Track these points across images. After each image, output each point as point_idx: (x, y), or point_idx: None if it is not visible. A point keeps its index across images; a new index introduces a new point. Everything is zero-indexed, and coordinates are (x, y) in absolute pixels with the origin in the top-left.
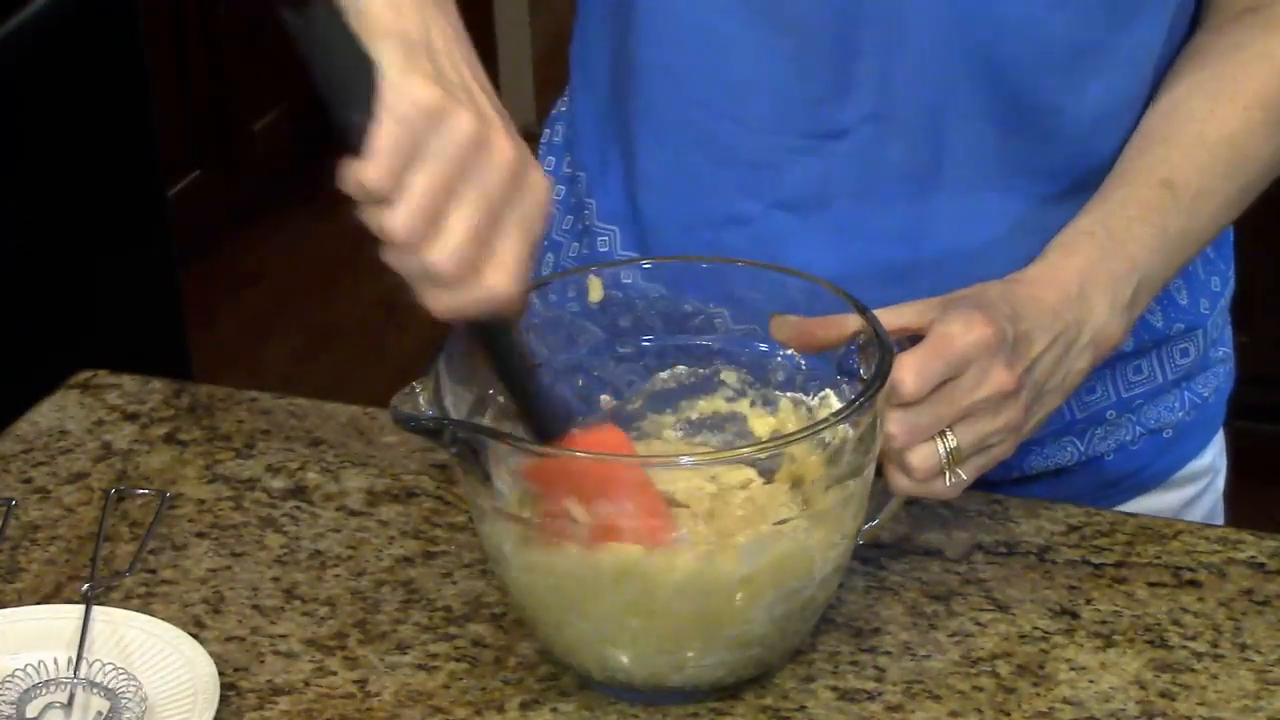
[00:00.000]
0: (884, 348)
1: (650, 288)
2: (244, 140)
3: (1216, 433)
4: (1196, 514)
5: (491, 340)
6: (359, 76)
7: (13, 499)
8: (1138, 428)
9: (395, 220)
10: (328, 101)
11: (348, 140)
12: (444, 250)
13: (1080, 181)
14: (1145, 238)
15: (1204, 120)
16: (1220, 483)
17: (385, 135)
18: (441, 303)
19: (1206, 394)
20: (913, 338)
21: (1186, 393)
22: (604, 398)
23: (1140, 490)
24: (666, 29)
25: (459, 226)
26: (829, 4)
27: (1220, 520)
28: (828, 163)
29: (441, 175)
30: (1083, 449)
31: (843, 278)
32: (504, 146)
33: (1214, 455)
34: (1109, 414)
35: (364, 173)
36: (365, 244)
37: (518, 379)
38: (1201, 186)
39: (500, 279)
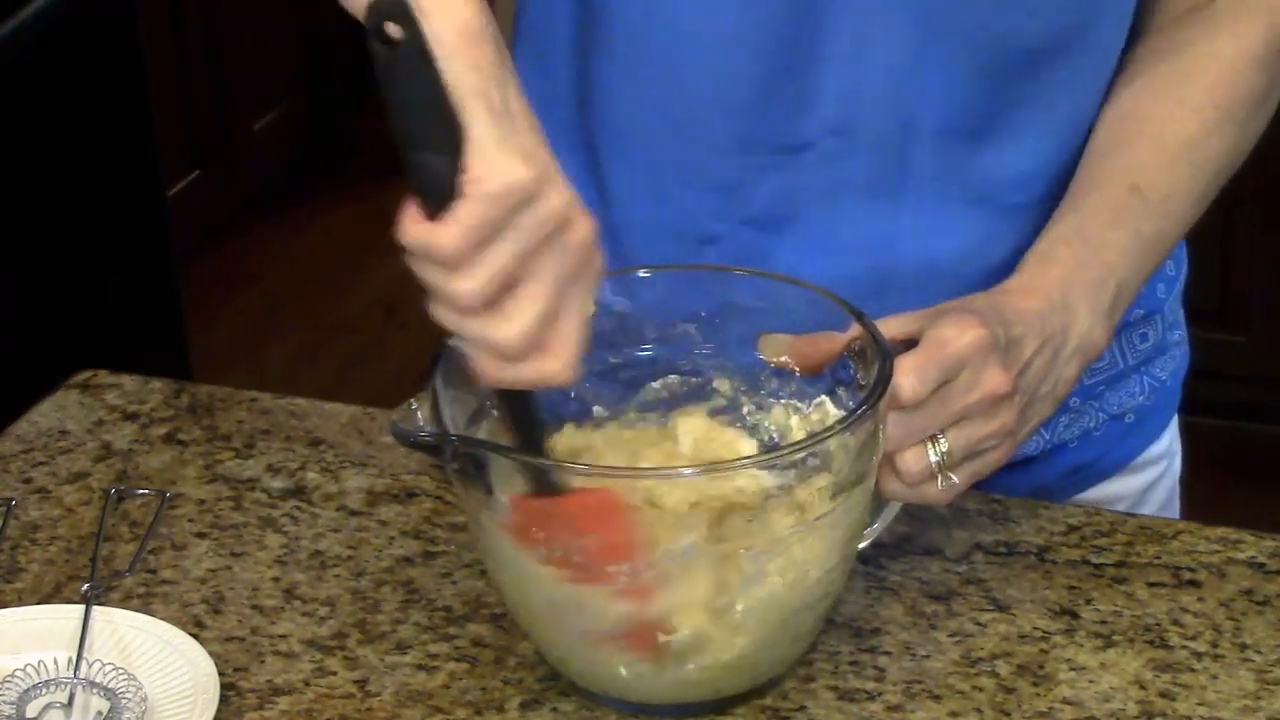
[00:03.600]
0: (884, 354)
1: (640, 298)
2: (244, 140)
3: (1174, 415)
4: (1157, 497)
5: (515, 400)
6: (440, 121)
7: (13, 499)
8: (1100, 414)
9: (464, 287)
10: (403, 139)
11: (418, 180)
12: (513, 328)
13: (1046, 192)
14: (1119, 243)
15: (1161, 123)
16: (1177, 466)
17: (472, 209)
18: (495, 373)
19: (1164, 377)
20: (906, 345)
21: (1146, 377)
22: (596, 409)
23: (1103, 476)
24: (632, 52)
25: (531, 306)
26: (795, 22)
27: (1178, 505)
28: (793, 177)
29: (524, 252)
30: (1048, 437)
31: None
32: (583, 227)
33: (1171, 438)
34: (1073, 401)
35: (440, 237)
36: (365, 244)
37: (528, 433)
38: (1168, 189)
39: (557, 363)
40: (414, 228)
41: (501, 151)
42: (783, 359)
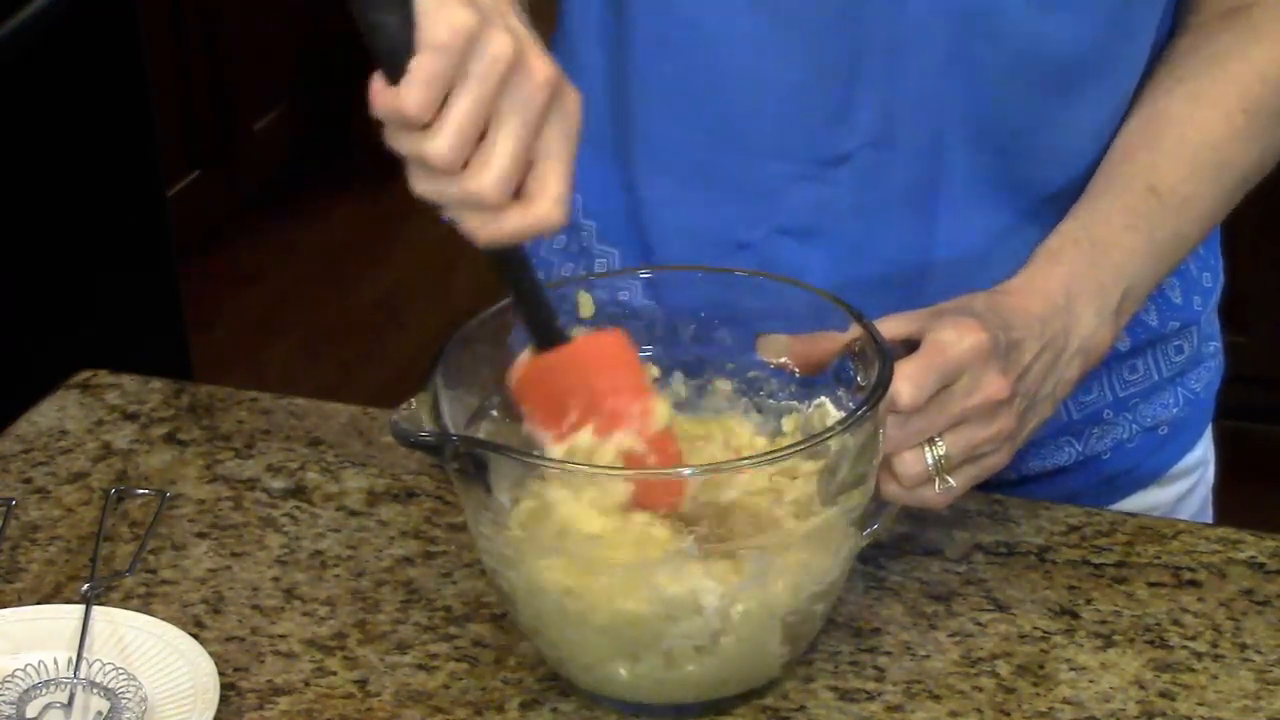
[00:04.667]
0: (883, 355)
1: (645, 300)
2: (244, 140)
3: (1208, 426)
4: (1191, 506)
5: (508, 261)
6: None
7: (13, 499)
8: (1134, 426)
9: (437, 145)
10: (355, 2)
11: (375, 44)
12: (489, 176)
13: (1075, 188)
14: (1132, 245)
15: (1186, 125)
16: (1210, 475)
17: (426, 63)
18: (486, 230)
19: (1199, 388)
20: (906, 345)
21: (1180, 389)
22: None
23: (1137, 487)
24: (667, 61)
25: (502, 150)
26: (834, 33)
27: (1211, 513)
28: (829, 188)
29: (482, 98)
30: (1080, 449)
31: (843, 289)
32: (540, 65)
33: (1205, 448)
34: (1106, 413)
35: (403, 100)
36: (365, 244)
37: (528, 292)
38: (1187, 192)
39: (547, 205)
40: (379, 96)
41: (442, 4)
42: (782, 360)
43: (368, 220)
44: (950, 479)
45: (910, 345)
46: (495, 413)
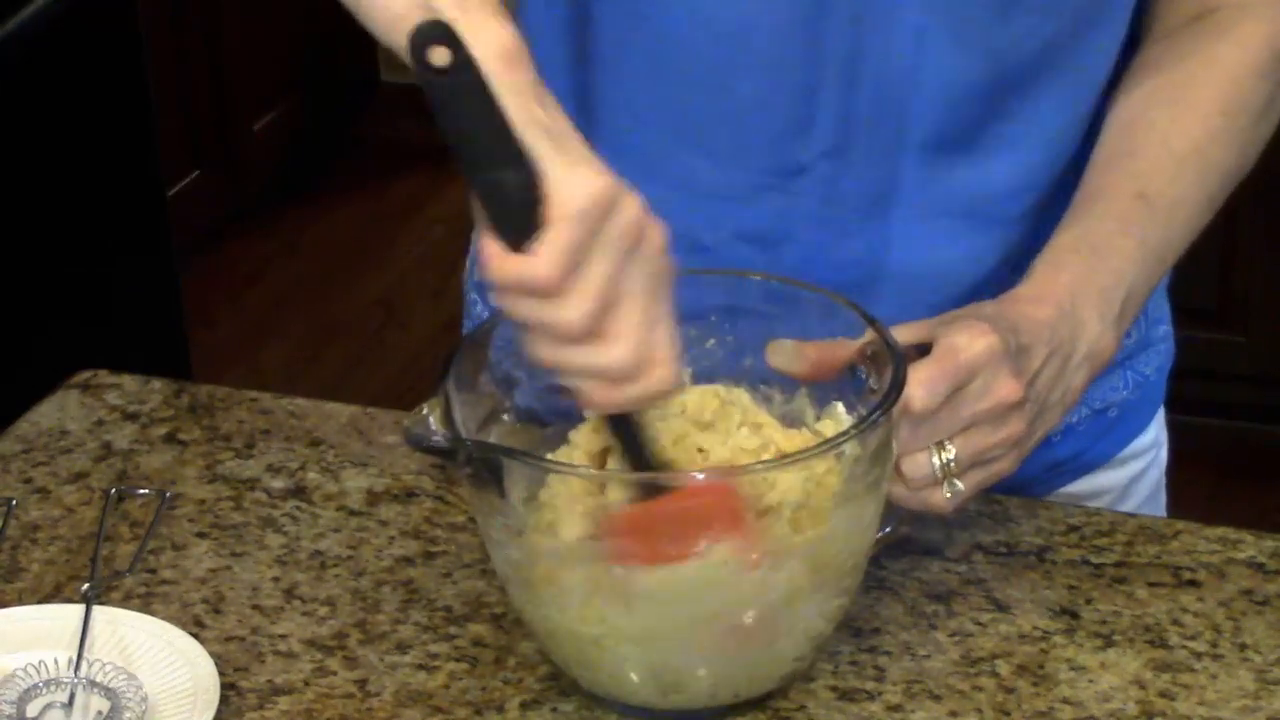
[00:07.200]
0: (897, 359)
1: None
2: (244, 140)
3: (1158, 410)
4: (1143, 489)
5: (620, 420)
6: (501, 137)
7: (13, 499)
8: (1083, 409)
9: (569, 315)
10: (468, 163)
11: (492, 203)
12: (620, 349)
13: (1033, 205)
14: (1127, 250)
15: (1167, 130)
16: (1164, 457)
17: (563, 231)
18: (609, 399)
19: (1148, 372)
20: (917, 350)
21: (1129, 372)
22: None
23: (1086, 470)
24: (632, 64)
25: (633, 323)
26: (792, 42)
27: (1164, 496)
28: (788, 199)
29: (615, 268)
30: None
31: None
32: (659, 231)
33: (1156, 432)
34: None
35: (538, 269)
36: (365, 244)
37: (633, 445)
38: (1174, 196)
39: (665, 371)
40: (503, 262)
41: (573, 168)
42: (792, 368)
43: (368, 220)
44: (958, 483)
45: (921, 351)
46: (506, 417)
